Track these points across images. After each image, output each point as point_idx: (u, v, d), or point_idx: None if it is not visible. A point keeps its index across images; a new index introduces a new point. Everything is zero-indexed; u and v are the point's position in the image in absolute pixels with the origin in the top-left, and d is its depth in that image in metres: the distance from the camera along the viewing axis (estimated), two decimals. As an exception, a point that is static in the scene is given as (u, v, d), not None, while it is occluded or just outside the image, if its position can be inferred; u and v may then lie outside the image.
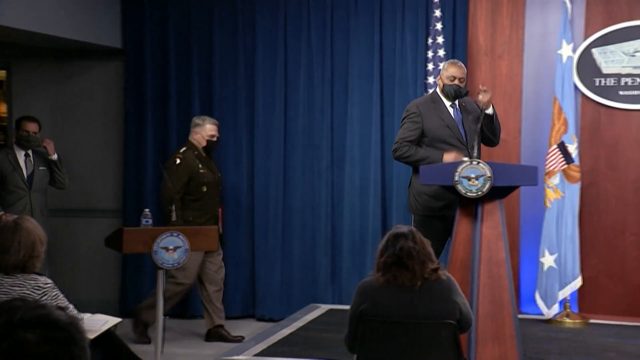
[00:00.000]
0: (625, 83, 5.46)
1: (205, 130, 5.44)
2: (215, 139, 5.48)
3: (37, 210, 5.24)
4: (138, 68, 6.36)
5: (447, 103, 4.69)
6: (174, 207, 5.09)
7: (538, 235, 5.40)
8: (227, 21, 6.27)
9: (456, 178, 4.20)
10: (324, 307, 5.86)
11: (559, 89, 5.38)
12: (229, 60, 6.26)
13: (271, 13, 6.19)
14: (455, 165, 4.25)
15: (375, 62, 5.99)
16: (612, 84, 5.48)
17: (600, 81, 5.51)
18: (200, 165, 5.38)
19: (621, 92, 5.47)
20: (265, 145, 6.21)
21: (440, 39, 5.57)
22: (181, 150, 5.42)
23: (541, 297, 5.39)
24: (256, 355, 4.55)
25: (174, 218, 5.07)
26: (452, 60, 4.78)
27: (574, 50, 5.46)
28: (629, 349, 4.66)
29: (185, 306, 6.25)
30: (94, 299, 5.32)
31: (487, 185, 4.16)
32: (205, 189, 5.39)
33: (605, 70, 5.49)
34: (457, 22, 5.83)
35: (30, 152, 5.48)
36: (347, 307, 3.06)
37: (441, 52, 5.56)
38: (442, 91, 4.69)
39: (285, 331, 5.15)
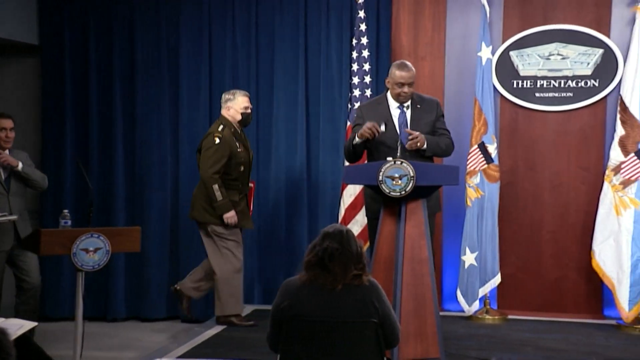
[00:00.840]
0: (541, 85, 5.64)
1: (238, 103, 5.30)
2: (249, 110, 5.36)
3: (17, 214, 4.87)
4: (56, 65, 6.20)
5: (394, 105, 4.70)
6: (217, 186, 5.08)
7: (460, 234, 5.52)
8: (150, 18, 6.18)
9: (380, 177, 4.26)
10: (249, 307, 5.85)
11: (479, 90, 5.51)
12: (152, 58, 6.18)
13: (195, 11, 6.14)
14: (379, 165, 4.31)
15: (300, 62, 6.02)
16: (529, 86, 5.66)
17: (517, 83, 5.67)
18: (237, 144, 5.27)
19: (537, 94, 5.65)
20: (191, 145, 6.15)
21: (364, 40, 5.64)
22: (219, 129, 5.26)
23: (462, 295, 5.50)
24: (179, 357, 4.50)
25: (219, 197, 5.08)
26: (397, 63, 4.69)
27: (493, 53, 5.61)
28: (544, 344, 4.81)
29: (105, 309, 6.14)
30: (12, 303, 5.14)
31: (411, 185, 4.23)
32: (242, 169, 5.30)
33: (522, 73, 5.66)
34: (381, 23, 5.91)
35: (6, 151, 5.05)
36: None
37: (365, 53, 5.63)
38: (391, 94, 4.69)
39: (210, 332, 5.13)
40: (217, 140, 5.17)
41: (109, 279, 6.13)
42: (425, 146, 4.48)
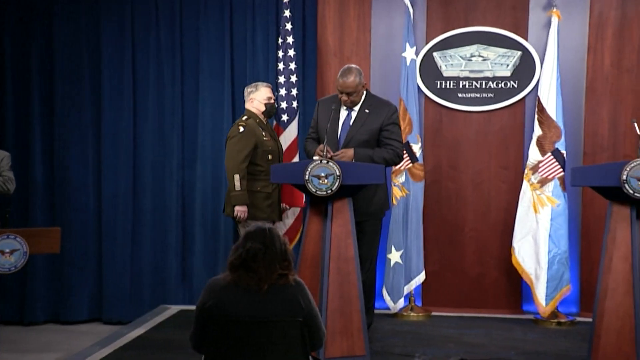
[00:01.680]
0: (464, 86, 5.78)
1: (260, 94, 5.19)
2: (272, 101, 5.24)
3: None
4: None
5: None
6: (238, 177, 4.96)
7: (386, 232, 5.62)
8: (70, 15, 6.06)
9: (307, 177, 4.30)
10: (174, 308, 5.81)
11: (403, 90, 5.61)
12: (72, 56, 6.07)
13: (118, 8, 6.05)
14: (305, 164, 4.35)
15: (226, 61, 6.00)
16: (452, 87, 5.79)
17: (441, 84, 5.80)
18: (263, 133, 5.15)
19: (460, 95, 5.79)
20: (113, 144, 6.07)
21: (290, 39, 5.67)
22: (243, 119, 5.17)
23: (388, 292, 5.59)
24: (102, 359, 4.44)
25: (238, 187, 4.95)
26: (343, 69, 4.72)
27: (417, 54, 5.72)
28: (466, 339, 4.94)
29: (22, 313, 5.99)
30: None
31: (337, 184, 4.29)
32: (270, 157, 5.16)
33: (445, 74, 5.79)
34: (307, 23, 5.95)
35: None
36: (197, 308, 3.05)
37: (291, 52, 5.66)
38: None
39: (134, 334, 5.06)
40: (242, 129, 5.08)
41: (27, 282, 5.98)
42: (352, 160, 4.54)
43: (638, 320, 4.08)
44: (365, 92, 4.80)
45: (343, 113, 4.78)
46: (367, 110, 4.74)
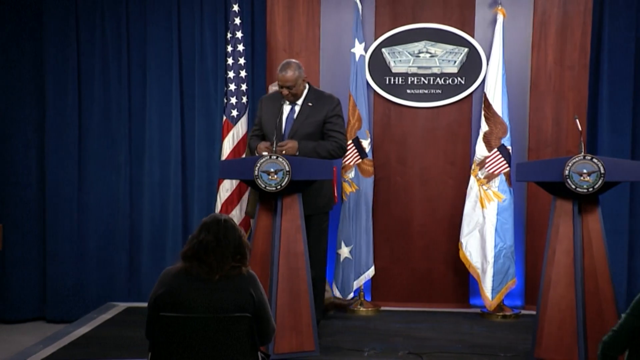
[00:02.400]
0: (412, 82, 5.85)
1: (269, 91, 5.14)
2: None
3: None
4: None
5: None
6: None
7: (336, 227, 5.66)
8: (12, 9, 5.94)
9: (256, 172, 4.32)
10: (121, 306, 5.77)
11: (353, 86, 5.66)
12: (13, 48, 5.96)
13: (61, 1, 5.96)
14: (254, 160, 4.37)
15: (174, 56, 5.96)
16: (400, 83, 5.85)
17: (390, 79, 5.86)
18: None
19: (409, 91, 5.86)
20: (58, 140, 5.99)
21: (239, 34, 5.66)
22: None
23: (338, 287, 5.64)
24: (44, 359, 4.38)
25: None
26: (282, 63, 4.77)
27: (366, 50, 5.78)
28: (414, 333, 5.01)
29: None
30: None
31: (286, 180, 4.32)
32: None
33: (394, 70, 5.84)
34: (256, 17, 5.95)
35: None
36: (146, 304, 3.06)
37: (240, 47, 5.66)
38: None
39: (79, 332, 5.01)
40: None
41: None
42: (297, 153, 4.58)
43: (579, 312, 4.21)
44: (307, 86, 4.85)
45: (286, 108, 4.82)
46: (310, 104, 4.80)
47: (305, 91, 4.83)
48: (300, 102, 4.81)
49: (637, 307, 2.97)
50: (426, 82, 5.83)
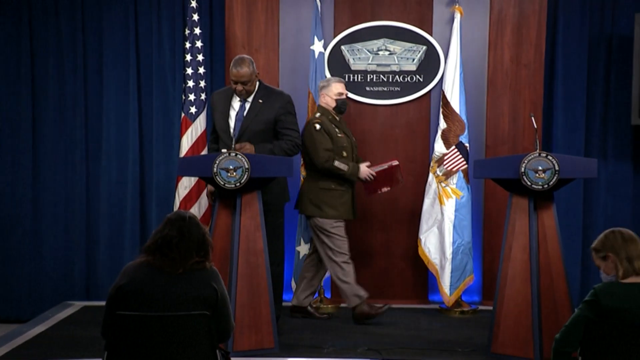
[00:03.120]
0: (371, 79, 5.89)
1: (331, 90, 5.15)
2: (344, 96, 5.23)
3: None
4: None
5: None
6: (337, 163, 5.04)
7: (295, 225, 5.67)
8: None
9: (215, 170, 4.32)
10: (78, 304, 5.72)
11: (312, 83, 5.67)
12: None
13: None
14: (213, 157, 4.37)
15: (131, 52, 5.92)
16: (359, 80, 5.89)
17: (349, 77, 5.87)
18: (337, 130, 5.10)
19: (368, 88, 5.90)
20: (10, 137, 5.91)
21: (197, 30, 5.63)
22: (317, 115, 5.12)
23: (297, 285, 5.67)
24: (-2, 359, 4.34)
25: (345, 169, 5.03)
26: (235, 59, 4.80)
27: (325, 47, 5.80)
28: (374, 330, 5.05)
29: None
30: None
31: (245, 177, 4.33)
32: (345, 154, 5.12)
33: (353, 67, 5.88)
34: (214, 14, 5.94)
35: None
36: (103, 303, 3.04)
37: (199, 44, 5.63)
38: None
39: (34, 332, 4.94)
40: (318, 127, 5.10)
41: None
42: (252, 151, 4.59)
43: (535, 307, 4.29)
44: (258, 82, 4.86)
45: (236, 105, 4.83)
46: (260, 101, 4.81)
47: (256, 87, 4.84)
48: (250, 98, 4.81)
49: (588, 301, 3.05)
50: (385, 79, 5.88)
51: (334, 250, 5.20)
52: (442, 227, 5.56)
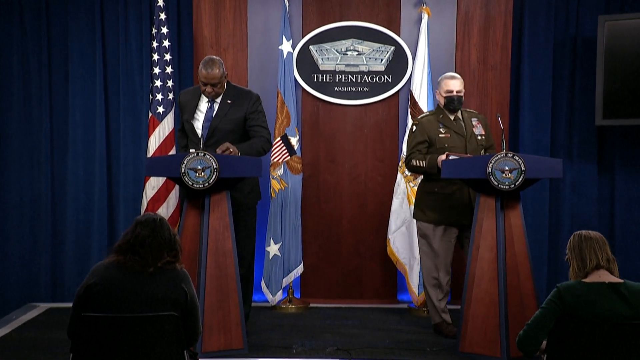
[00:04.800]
0: (340, 79, 5.91)
1: (441, 87, 4.93)
2: (453, 93, 4.91)
3: None
4: None
5: (205, 97, 4.80)
6: (414, 161, 4.88)
7: (265, 225, 5.67)
8: None
9: (183, 170, 4.31)
10: (43, 306, 5.68)
11: (281, 83, 5.68)
12: None
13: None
14: (181, 157, 4.35)
15: (97, 50, 5.87)
16: (328, 80, 5.89)
17: (318, 77, 5.89)
18: (441, 129, 4.89)
19: (337, 88, 5.90)
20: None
21: (164, 29, 5.61)
22: (425, 114, 5.13)
23: (267, 285, 5.66)
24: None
25: (422, 165, 4.83)
26: (204, 60, 4.75)
27: (294, 47, 5.80)
28: (343, 330, 5.08)
29: None
30: None
31: (214, 177, 4.32)
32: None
33: (322, 67, 5.88)
34: (182, 13, 5.91)
35: None
36: (69, 305, 3.02)
37: (166, 43, 5.60)
38: None
39: (-1, 333, 4.91)
40: (414, 128, 4.99)
41: None
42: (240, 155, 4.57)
43: (502, 307, 4.34)
44: (226, 83, 4.86)
45: (204, 105, 4.82)
46: (229, 101, 4.80)
47: (224, 88, 4.84)
48: (219, 99, 4.81)
49: (551, 300, 3.10)
50: (354, 79, 5.90)
51: (425, 256, 5.08)
52: (411, 227, 5.59)
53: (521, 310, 4.35)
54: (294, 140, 5.68)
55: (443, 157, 4.66)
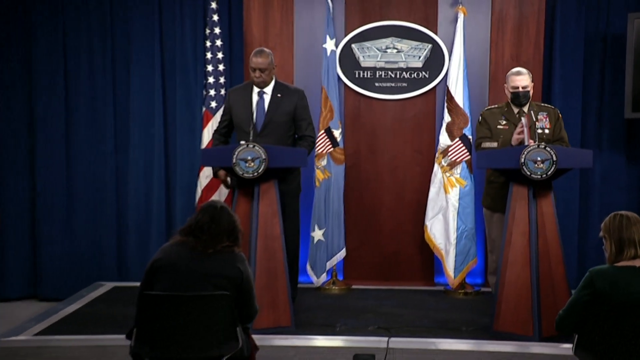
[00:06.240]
0: (380, 76, 5.88)
1: (508, 82, 4.90)
2: (519, 89, 4.84)
3: None
4: None
5: (256, 91, 4.84)
6: (484, 144, 4.85)
7: (310, 212, 5.70)
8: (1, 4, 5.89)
9: (234, 160, 4.35)
10: (108, 285, 5.77)
11: (325, 79, 5.68)
12: (4, 47, 5.90)
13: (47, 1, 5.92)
14: (233, 148, 4.39)
15: (156, 50, 5.94)
16: (369, 76, 5.88)
17: (359, 73, 5.87)
18: (502, 122, 4.89)
19: (377, 84, 5.89)
20: (46, 131, 5.96)
21: (217, 30, 5.66)
22: (494, 105, 5.09)
23: (312, 268, 5.68)
24: (37, 334, 4.38)
25: (495, 145, 4.80)
26: (255, 50, 4.83)
27: (337, 45, 5.79)
28: (384, 310, 5.06)
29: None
30: None
31: (263, 167, 4.35)
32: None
33: (363, 64, 5.87)
34: (233, 14, 5.94)
35: None
36: (132, 284, 3.11)
37: (218, 42, 5.66)
38: None
39: (69, 309, 5.01)
40: (479, 119, 5.01)
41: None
42: None
43: (534, 290, 4.30)
44: (274, 78, 4.90)
45: (255, 98, 4.85)
46: (279, 95, 4.86)
47: (273, 83, 4.90)
48: (269, 92, 4.85)
49: (584, 285, 3.06)
50: (393, 75, 5.87)
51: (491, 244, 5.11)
52: (447, 214, 5.56)
53: (552, 292, 4.30)
54: (336, 133, 5.67)
55: (516, 136, 4.63)
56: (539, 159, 4.27)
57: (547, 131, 4.86)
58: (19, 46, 5.92)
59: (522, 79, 4.86)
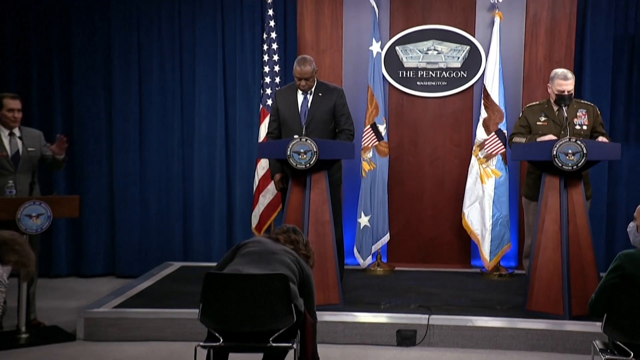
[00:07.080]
0: (422, 75, 5.85)
1: (553, 84, 4.79)
2: (565, 93, 4.68)
3: (24, 192, 4.40)
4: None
5: (300, 91, 4.85)
6: (515, 139, 4.78)
7: (357, 200, 5.71)
8: (84, 14, 6.05)
9: (288, 153, 4.39)
10: (176, 264, 5.87)
11: (371, 79, 5.67)
12: (89, 54, 6.08)
13: (125, 7, 6.04)
14: (287, 141, 4.42)
15: (218, 52, 6.02)
16: (411, 76, 5.86)
17: (402, 73, 5.86)
18: (542, 118, 4.79)
19: (419, 83, 5.87)
20: (123, 125, 6.09)
21: (273, 34, 5.70)
22: (537, 102, 4.98)
23: (358, 251, 5.69)
24: (116, 307, 4.51)
25: (524, 140, 4.69)
26: (298, 59, 4.82)
27: (382, 47, 5.78)
28: (425, 289, 5.06)
29: (49, 267, 6.06)
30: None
31: (314, 159, 4.38)
32: None
33: (406, 65, 5.85)
34: (288, 20, 5.97)
35: (15, 130, 4.50)
36: (197, 264, 3.19)
37: (275, 46, 5.70)
38: None
39: (143, 285, 5.14)
40: (521, 114, 4.98)
41: (52, 241, 6.05)
42: None
43: (565, 272, 4.24)
44: (316, 79, 4.91)
45: (300, 98, 4.86)
46: (320, 94, 4.86)
47: (315, 82, 4.89)
48: (312, 92, 4.85)
49: (613, 268, 3.01)
50: (434, 75, 5.83)
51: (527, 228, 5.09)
52: (483, 202, 5.51)
53: (582, 275, 4.24)
54: (381, 128, 5.66)
55: (544, 137, 4.57)
56: (570, 151, 4.20)
57: (585, 127, 4.76)
58: (100, 54, 6.09)
59: (568, 83, 4.72)
